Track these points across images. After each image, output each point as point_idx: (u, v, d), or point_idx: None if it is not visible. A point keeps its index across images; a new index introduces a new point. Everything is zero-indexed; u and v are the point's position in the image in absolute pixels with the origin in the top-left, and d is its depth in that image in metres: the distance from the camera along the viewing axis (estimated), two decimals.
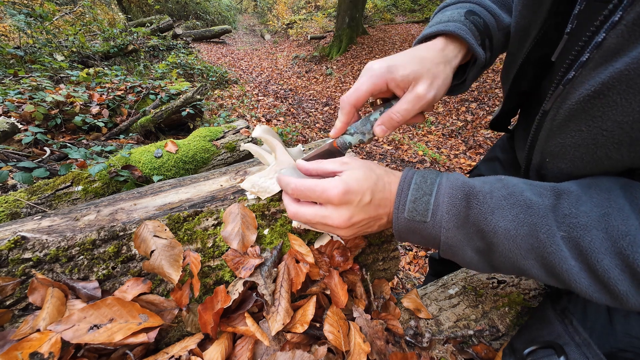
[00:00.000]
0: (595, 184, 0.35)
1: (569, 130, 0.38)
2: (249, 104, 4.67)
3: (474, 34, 0.47)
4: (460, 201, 0.37)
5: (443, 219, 0.38)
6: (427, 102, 0.44)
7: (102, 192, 0.96)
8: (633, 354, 0.42)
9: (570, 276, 0.33)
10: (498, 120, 0.68)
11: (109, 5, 7.88)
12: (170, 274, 0.46)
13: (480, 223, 0.36)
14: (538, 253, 0.34)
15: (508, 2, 0.54)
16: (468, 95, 4.68)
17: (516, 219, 0.35)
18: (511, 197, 0.36)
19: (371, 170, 0.42)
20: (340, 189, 0.39)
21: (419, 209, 0.39)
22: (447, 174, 0.42)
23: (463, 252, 0.39)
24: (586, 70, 0.34)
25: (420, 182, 0.40)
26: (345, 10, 6.85)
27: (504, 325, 0.59)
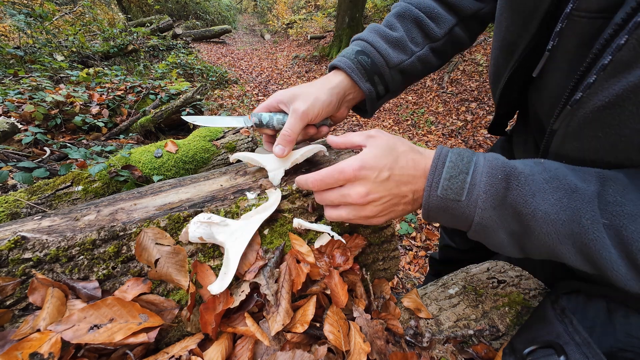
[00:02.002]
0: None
1: (585, 136, 0.38)
2: (249, 104, 4.67)
3: (360, 71, 0.57)
4: (500, 181, 0.36)
5: (479, 198, 0.37)
6: (303, 114, 0.52)
7: (102, 192, 0.96)
8: (633, 353, 0.42)
9: (608, 264, 0.32)
10: (495, 124, 0.69)
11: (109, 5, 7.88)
12: (180, 280, 0.47)
13: (519, 205, 0.35)
14: (578, 239, 0.34)
15: (401, 43, 0.60)
16: (468, 95, 4.68)
17: (559, 203, 0.34)
18: (554, 181, 0.35)
19: (393, 146, 0.42)
20: (355, 165, 0.40)
21: (454, 187, 0.38)
22: (484, 153, 0.41)
23: (495, 234, 0.39)
24: (593, 89, 0.34)
25: (456, 160, 0.39)
26: (345, 10, 6.84)
27: (504, 325, 0.59)
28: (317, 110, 0.54)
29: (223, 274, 0.47)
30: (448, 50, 0.64)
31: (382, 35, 0.59)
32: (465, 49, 0.68)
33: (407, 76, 0.62)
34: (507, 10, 0.47)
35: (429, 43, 0.61)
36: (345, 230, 0.58)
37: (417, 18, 0.60)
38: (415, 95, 5.14)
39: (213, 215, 0.50)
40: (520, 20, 0.45)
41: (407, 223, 2.24)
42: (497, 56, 0.54)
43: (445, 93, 4.92)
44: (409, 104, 4.95)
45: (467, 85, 4.87)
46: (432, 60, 0.63)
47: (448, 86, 5.03)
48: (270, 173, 0.55)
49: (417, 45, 0.61)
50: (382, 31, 0.60)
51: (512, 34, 0.47)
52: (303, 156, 0.55)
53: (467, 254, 0.98)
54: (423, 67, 0.63)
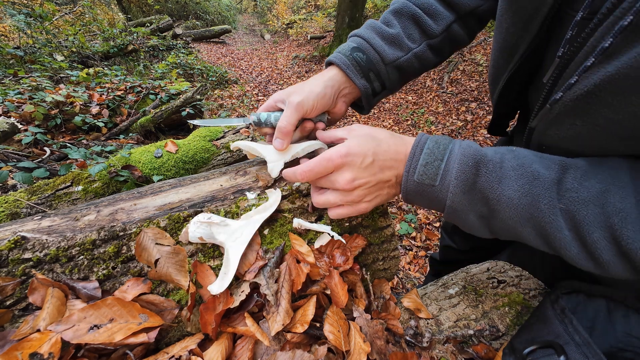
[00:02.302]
0: (604, 161, 0.37)
1: (564, 124, 0.40)
2: (249, 104, 4.67)
3: (355, 67, 0.58)
4: (470, 168, 0.39)
5: (451, 183, 0.40)
6: (297, 105, 0.53)
7: (102, 192, 0.96)
8: (633, 353, 0.42)
9: (562, 244, 0.36)
10: (495, 125, 0.69)
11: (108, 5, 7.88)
12: (180, 280, 0.47)
13: (486, 190, 0.38)
14: (536, 222, 0.37)
15: (398, 39, 0.60)
16: (468, 95, 4.68)
17: (521, 189, 0.37)
18: (520, 168, 0.38)
19: (374, 133, 0.45)
20: (342, 151, 0.42)
21: (429, 173, 0.41)
22: (461, 141, 0.43)
23: (465, 216, 0.42)
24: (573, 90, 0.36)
25: (432, 147, 0.42)
26: (345, 10, 6.84)
27: (504, 325, 0.59)
28: (312, 101, 0.55)
29: (223, 274, 0.47)
30: (446, 48, 0.65)
31: (378, 31, 0.60)
32: (463, 47, 0.68)
33: (403, 73, 0.63)
34: (507, 11, 0.47)
35: (426, 40, 0.61)
36: (345, 230, 0.58)
37: (415, 14, 0.60)
38: (415, 95, 5.14)
39: (213, 215, 0.50)
40: (521, 22, 0.45)
41: (407, 223, 2.24)
42: (496, 57, 0.54)
43: (445, 93, 4.92)
44: (409, 104, 4.95)
45: (467, 85, 4.87)
46: (430, 57, 0.63)
47: (448, 86, 5.03)
48: (270, 164, 0.54)
49: (414, 41, 0.61)
50: (379, 28, 0.60)
51: (512, 36, 0.48)
52: (304, 150, 0.56)
53: (467, 254, 0.98)
54: (420, 64, 0.63)
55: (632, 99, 0.31)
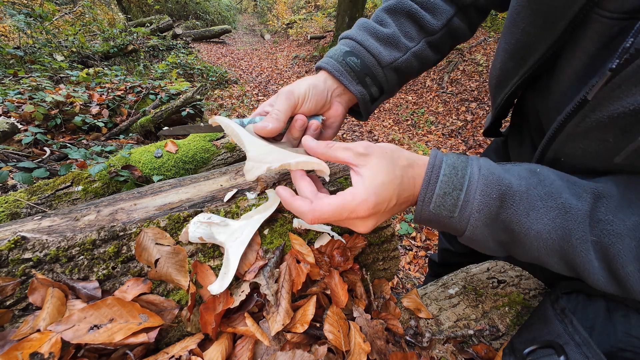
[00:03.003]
0: (635, 186, 0.35)
1: (593, 138, 0.37)
2: (249, 104, 4.67)
3: (349, 73, 0.54)
4: (494, 201, 0.36)
5: (472, 216, 0.36)
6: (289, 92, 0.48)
7: (102, 192, 0.96)
8: (633, 353, 0.42)
9: (590, 274, 0.34)
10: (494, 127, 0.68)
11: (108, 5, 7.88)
12: (180, 280, 0.47)
13: (512, 223, 0.36)
14: (565, 253, 0.35)
15: (394, 39, 0.55)
16: (468, 95, 4.68)
17: (552, 223, 0.34)
18: (549, 199, 0.35)
19: (394, 166, 0.38)
20: (370, 205, 0.36)
21: (447, 204, 0.37)
22: (478, 161, 0.39)
23: (484, 244, 0.39)
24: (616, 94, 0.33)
25: (450, 174, 0.37)
26: (345, 10, 6.84)
27: (504, 325, 0.59)
28: (304, 90, 0.50)
29: (223, 274, 0.47)
30: (446, 43, 0.60)
31: (371, 32, 0.55)
32: (464, 41, 0.63)
33: (402, 74, 0.59)
34: (525, 9, 0.42)
35: (425, 37, 0.57)
36: (345, 230, 0.58)
37: (411, 11, 0.55)
38: (415, 95, 5.14)
39: (213, 215, 0.50)
40: (542, 21, 0.41)
41: (407, 223, 2.24)
42: (505, 60, 0.50)
43: (445, 93, 4.92)
44: (409, 104, 4.95)
45: (467, 85, 4.87)
46: (429, 55, 0.59)
47: (448, 86, 5.03)
48: (249, 163, 0.42)
49: (412, 40, 0.56)
50: (372, 28, 0.55)
51: (529, 36, 0.43)
52: (297, 165, 0.41)
53: (465, 257, 0.98)
54: (420, 64, 0.59)
55: None
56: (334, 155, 0.40)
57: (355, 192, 0.36)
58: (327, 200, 0.37)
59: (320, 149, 0.40)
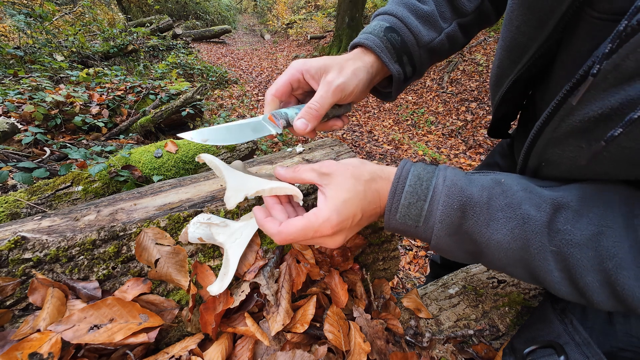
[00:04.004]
0: (596, 195, 0.35)
1: (569, 144, 0.37)
2: (249, 104, 4.67)
3: (389, 50, 0.50)
4: (456, 211, 0.37)
5: (435, 226, 0.38)
6: (337, 87, 0.45)
7: (102, 192, 0.96)
8: (633, 353, 0.42)
9: (552, 284, 0.35)
10: (495, 127, 0.67)
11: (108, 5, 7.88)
12: (180, 280, 0.47)
13: (474, 234, 0.37)
14: (526, 263, 0.36)
15: (432, 18, 0.53)
16: (468, 95, 4.68)
17: (511, 233, 0.35)
18: (508, 209, 0.36)
19: (357, 182, 0.39)
20: (333, 223, 0.37)
21: (412, 214, 0.38)
22: (445, 172, 0.40)
23: (452, 254, 0.40)
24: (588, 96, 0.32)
25: (415, 185, 0.39)
26: (345, 10, 6.85)
27: (504, 325, 0.59)
28: (353, 87, 0.47)
29: (222, 275, 0.47)
30: (474, 27, 0.59)
31: (411, 9, 0.53)
32: (490, 26, 0.63)
33: (434, 55, 0.57)
34: (519, 7, 0.42)
35: (457, 18, 0.56)
36: None
37: None
38: (415, 95, 5.14)
39: (213, 215, 0.50)
40: (535, 20, 0.41)
41: None
42: (502, 58, 0.50)
43: (445, 93, 4.91)
44: (409, 104, 4.95)
45: (467, 85, 4.87)
46: (459, 38, 0.58)
47: (448, 86, 5.03)
48: (228, 192, 0.45)
49: (446, 20, 0.55)
50: (412, 4, 0.53)
51: (523, 35, 0.44)
52: (272, 191, 0.44)
53: None
54: (450, 46, 0.57)
55: None
56: (300, 177, 0.42)
57: (317, 213, 0.37)
58: (293, 222, 0.38)
59: (288, 175, 0.43)
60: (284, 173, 0.43)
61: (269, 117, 0.46)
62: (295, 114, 0.47)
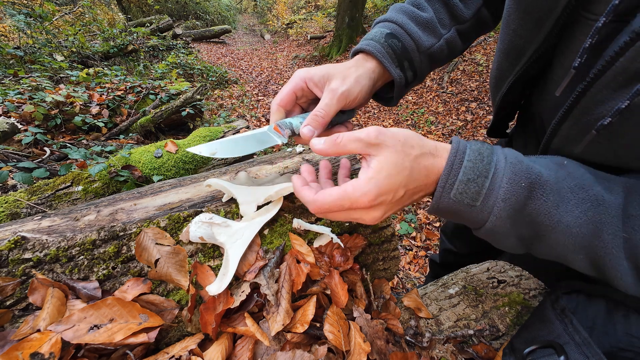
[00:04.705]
0: None
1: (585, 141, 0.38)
2: (249, 104, 4.67)
3: (390, 56, 0.51)
4: (523, 190, 0.33)
5: (496, 205, 0.34)
6: (341, 95, 0.46)
7: (102, 192, 0.96)
8: (633, 353, 0.42)
9: (618, 275, 0.32)
10: (495, 127, 0.68)
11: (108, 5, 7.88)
12: (180, 280, 0.47)
13: (540, 216, 0.33)
14: (593, 250, 0.33)
15: (431, 24, 0.55)
16: (468, 95, 4.68)
17: (583, 216, 0.32)
18: (580, 191, 0.33)
19: (405, 156, 0.35)
20: (371, 197, 0.34)
21: (470, 192, 0.34)
22: (503, 150, 0.37)
23: (504, 239, 0.37)
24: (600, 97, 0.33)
25: (475, 159, 0.35)
26: (345, 10, 6.85)
27: (504, 325, 0.59)
28: (356, 93, 0.48)
29: (222, 275, 0.47)
30: (472, 33, 0.60)
31: (411, 16, 0.54)
32: (487, 33, 0.64)
33: (433, 61, 0.58)
34: (516, 11, 0.44)
35: (455, 25, 0.57)
36: (345, 230, 0.58)
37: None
38: (415, 95, 5.14)
39: (215, 215, 0.50)
40: (531, 23, 0.42)
41: (407, 223, 2.24)
42: (500, 60, 0.52)
43: (445, 93, 4.91)
44: (409, 104, 4.95)
45: (467, 85, 4.87)
46: (458, 44, 0.59)
47: (448, 86, 5.03)
48: (242, 206, 0.50)
49: (445, 27, 0.56)
50: (411, 12, 0.55)
51: (520, 38, 0.45)
52: (278, 194, 0.49)
53: (467, 257, 0.98)
54: (449, 52, 0.59)
55: None
56: (345, 150, 0.37)
57: (356, 184, 0.35)
58: (329, 191, 0.36)
59: (330, 149, 0.38)
60: (325, 148, 0.38)
61: (274, 127, 0.47)
62: (299, 123, 0.47)
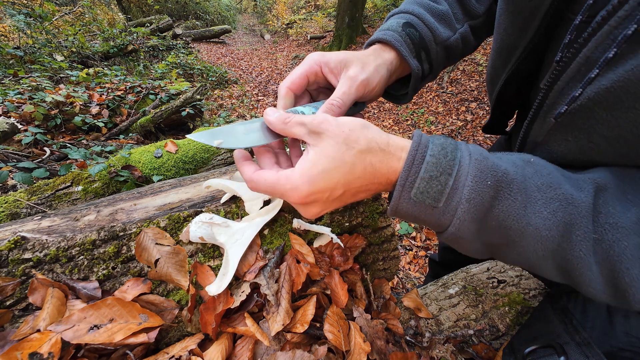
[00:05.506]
0: (628, 176, 0.31)
1: (556, 139, 0.38)
2: (248, 104, 4.67)
3: (408, 46, 0.49)
4: (488, 189, 0.30)
5: (460, 207, 0.31)
6: (360, 83, 0.43)
7: (102, 192, 0.96)
8: (632, 353, 0.42)
9: (586, 280, 0.30)
10: (492, 124, 0.69)
11: (108, 5, 7.88)
12: (180, 280, 0.47)
13: (508, 219, 0.30)
14: (562, 254, 0.30)
15: (447, 17, 0.54)
16: (468, 95, 4.68)
17: (553, 217, 0.30)
18: (548, 189, 0.31)
19: (347, 150, 0.32)
20: (302, 194, 0.32)
21: (432, 191, 0.31)
22: (468, 146, 0.33)
23: (469, 245, 0.34)
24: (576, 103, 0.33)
25: (438, 155, 0.31)
26: (345, 10, 6.85)
27: (504, 325, 0.59)
28: (375, 83, 0.45)
29: (222, 275, 0.47)
30: (483, 30, 0.60)
31: (427, 7, 0.53)
32: None
33: (449, 55, 0.56)
34: (505, 11, 0.46)
35: (468, 21, 0.57)
36: (345, 230, 0.58)
37: None
38: (415, 95, 5.14)
39: (215, 215, 0.50)
40: (519, 22, 0.44)
41: (407, 223, 2.24)
42: (494, 58, 0.53)
43: (445, 93, 4.91)
44: (408, 104, 4.95)
45: (467, 85, 4.87)
46: (471, 40, 0.58)
47: (448, 86, 5.03)
48: (247, 203, 0.49)
49: (458, 22, 0.56)
50: (427, 4, 0.54)
51: (510, 36, 0.47)
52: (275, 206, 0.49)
53: (467, 257, 0.98)
54: (463, 47, 0.58)
55: (629, 115, 0.29)
56: (290, 131, 0.35)
57: (290, 175, 0.33)
58: (265, 175, 0.34)
59: (278, 125, 0.36)
60: (274, 122, 0.36)
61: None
62: (312, 113, 0.43)
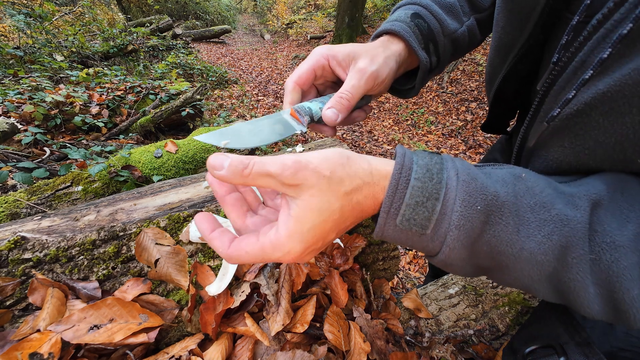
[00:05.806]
0: (620, 188, 0.30)
1: (552, 145, 0.37)
2: (248, 104, 4.67)
3: (417, 37, 0.47)
4: (479, 214, 0.28)
5: (450, 234, 0.28)
6: (370, 76, 0.41)
7: (102, 192, 0.96)
8: (632, 353, 0.42)
9: (583, 302, 0.28)
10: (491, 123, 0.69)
11: (108, 5, 7.88)
12: (180, 280, 0.47)
13: (500, 245, 0.28)
14: (557, 277, 0.29)
15: (455, 9, 0.53)
16: (468, 95, 4.68)
17: (547, 240, 0.28)
18: (541, 210, 0.29)
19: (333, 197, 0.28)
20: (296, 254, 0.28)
21: (418, 218, 0.28)
22: (454, 163, 0.31)
23: (461, 269, 0.32)
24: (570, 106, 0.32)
25: (424, 178, 0.29)
26: (345, 10, 6.85)
27: (504, 325, 0.59)
28: (385, 75, 0.43)
29: (222, 275, 0.47)
30: (488, 24, 0.59)
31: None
32: None
33: (456, 48, 0.55)
34: (503, 10, 0.46)
35: (474, 14, 0.56)
36: None
37: None
38: (415, 95, 5.15)
39: (216, 216, 0.50)
40: (516, 21, 0.44)
41: None
42: (492, 56, 0.53)
43: (445, 93, 4.91)
44: (408, 104, 4.95)
45: (467, 85, 4.87)
46: (477, 34, 0.57)
47: (448, 86, 5.03)
48: None
49: (465, 14, 0.55)
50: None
51: (507, 35, 0.47)
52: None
53: None
54: (469, 40, 0.57)
55: (626, 119, 0.28)
56: (252, 184, 0.28)
57: (276, 243, 0.28)
58: (244, 247, 0.29)
59: (234, 179, 0.27)
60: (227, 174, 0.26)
61: (291, 112, 0.40)
62: (319, 109, 0.41)
